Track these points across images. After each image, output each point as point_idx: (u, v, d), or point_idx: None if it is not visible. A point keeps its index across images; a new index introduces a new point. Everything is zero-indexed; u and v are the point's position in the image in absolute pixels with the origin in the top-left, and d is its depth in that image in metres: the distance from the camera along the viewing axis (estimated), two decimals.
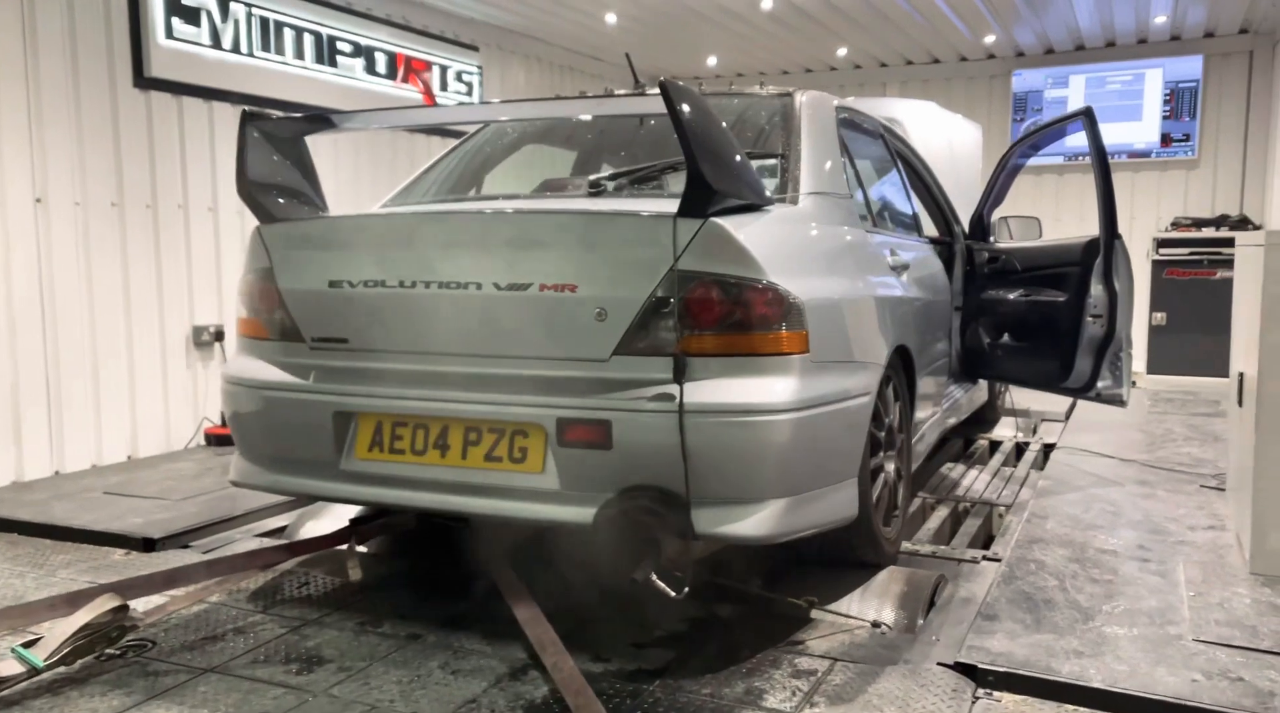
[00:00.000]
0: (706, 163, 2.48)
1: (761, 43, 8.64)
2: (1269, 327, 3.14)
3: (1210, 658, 2.54)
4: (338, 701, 2.45)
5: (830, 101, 3.61)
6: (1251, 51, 8.79)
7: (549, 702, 2.43)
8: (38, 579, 3.34)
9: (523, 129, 4.02)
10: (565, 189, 3.41)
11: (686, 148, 2.47)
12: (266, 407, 3.02)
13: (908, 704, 2.38)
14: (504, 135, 3.98)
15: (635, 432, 2.54)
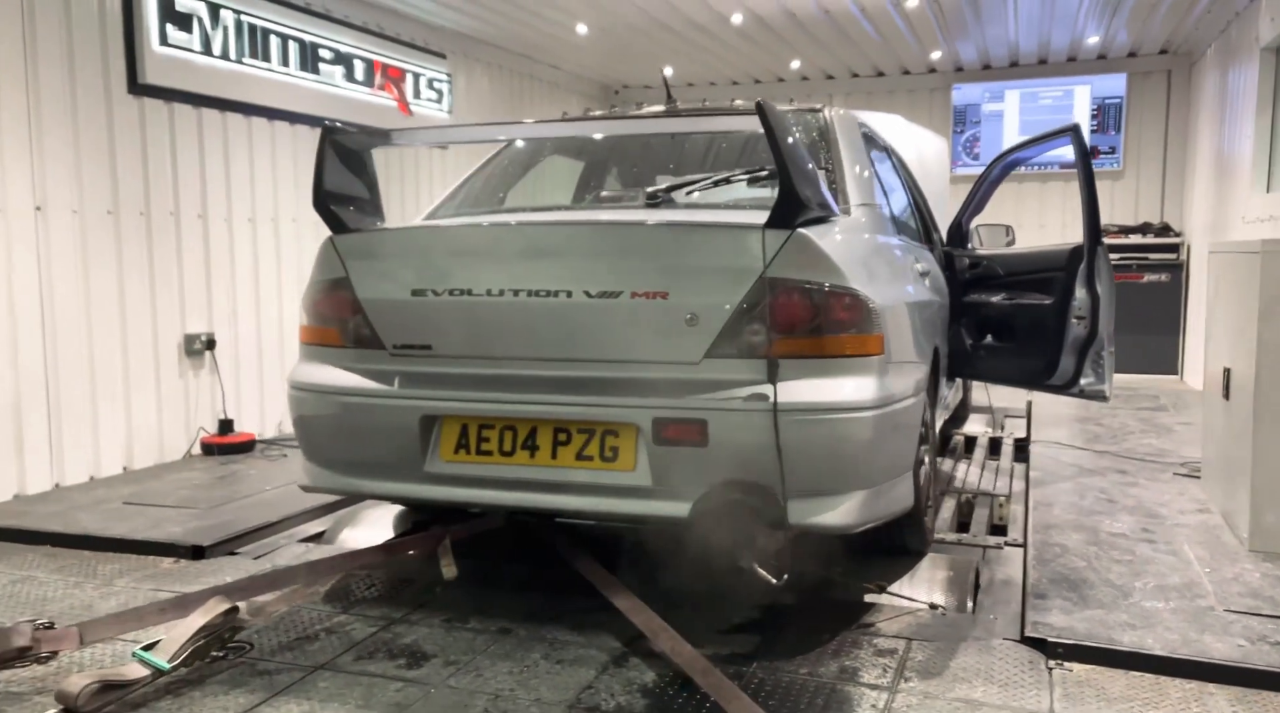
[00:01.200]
0: (798, 178, 2.66)
1: (718, 54, 8.87)
2: (1266, 326, 3.47)
3: (1246, 626, 2.82)
4: (459, 691, 2.55)
5: (856, 116, 3.84)
6: (1170, 71, 9.41)
7: (661, 685, 2.57)
8: (98, 589, 3.33)
9: (555, 143, 4.14)
10: (621, 201, 3.55)
11: (781, 164, 2.65)
12: (347, 412, 3.09)
13: (992, 676, 2.60)
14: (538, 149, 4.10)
15: (731, 430, 2.70)
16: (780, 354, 2.70)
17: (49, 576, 3.49)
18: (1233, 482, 3.82)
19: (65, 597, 3.26)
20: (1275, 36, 6.25)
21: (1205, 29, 8.08)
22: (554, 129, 3.88)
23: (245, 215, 5.94)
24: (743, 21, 7.46)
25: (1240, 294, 3.77)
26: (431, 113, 7.60)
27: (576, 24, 7.64)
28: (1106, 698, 2.47)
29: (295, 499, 4.28)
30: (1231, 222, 7.20)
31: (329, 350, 3.20)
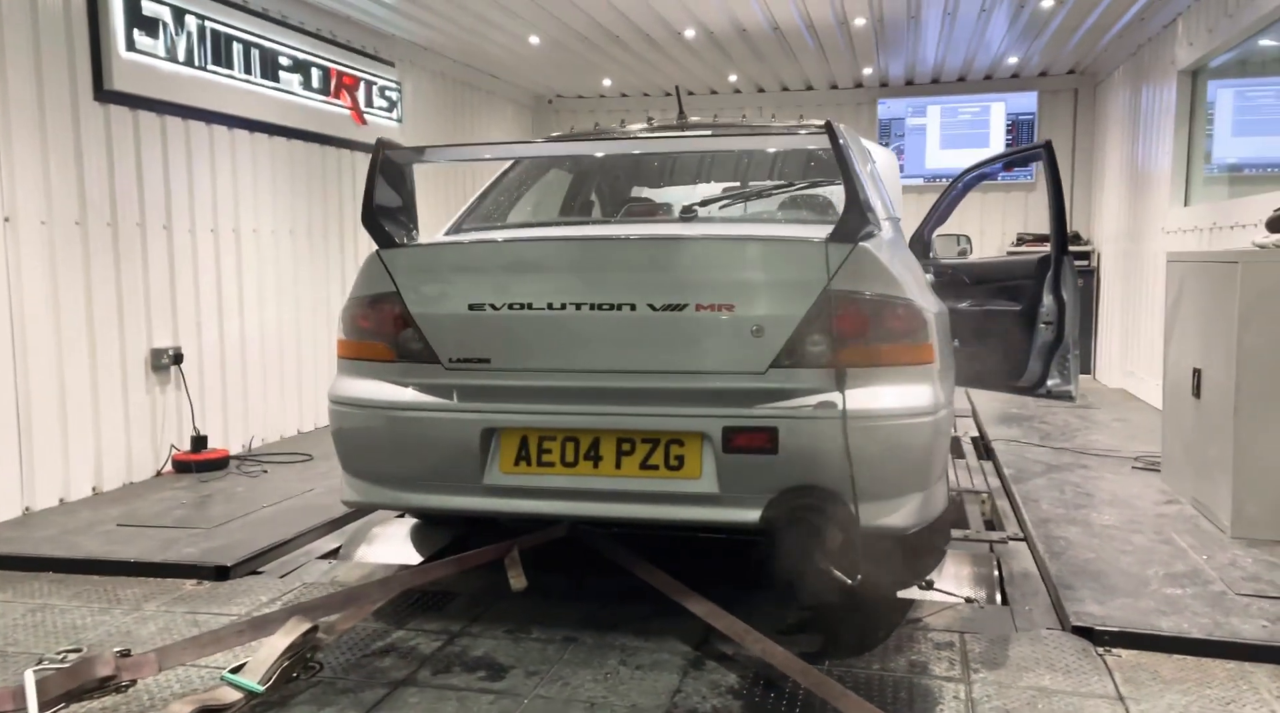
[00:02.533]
0: (865, 196, 2.79)
1: (658, 66, 8.99)
2: (1246, 331, 3.77)
3: (1261, 608, 3.07)
4: (552, 700, 2.58)
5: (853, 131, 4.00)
6: (1076, 89, 9.99)
7: (747, 686, 2.66)
8: (129, 615, 3.21)
9: (554, 160, 4.19)
10: (655, 214, 3.62)
11: (849, 181, 2.77)
12: (403, 427, 3.07)
13: (1053, 665, 2.77)
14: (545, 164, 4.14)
15: (801, 437, 2.81)
16: (846, 363, 2.81)
17: (66, 603, 3.35)
18: (1208, 475, 4.12)
19: (97, 624, 3.14)
20: (1192, 61, 6.73)
21: (1113, 53, 8.61)
22: (596, 147, 3.91)
23: (208, 226, 5.77)
24: (694, 36, 7.61)
25: (1214, 301, 4.07)
26: (383, 122, 7.50)
27: (530, 35, 7.66)
28: (1163, 681, 2.67)
29: (297, 517, 4.22)
30: (1148, 232, 7.69)
31: (376, 365, 3.18)
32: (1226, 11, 5.96)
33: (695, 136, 3.84)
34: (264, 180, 6.26)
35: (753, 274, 2.91)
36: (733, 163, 4.36)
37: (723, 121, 4.29)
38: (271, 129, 6.27)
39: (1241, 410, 3.82)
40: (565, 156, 4.21)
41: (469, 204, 3.89)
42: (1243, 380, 3.82)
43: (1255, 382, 3.80)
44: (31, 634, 3.06)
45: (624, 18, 7.16)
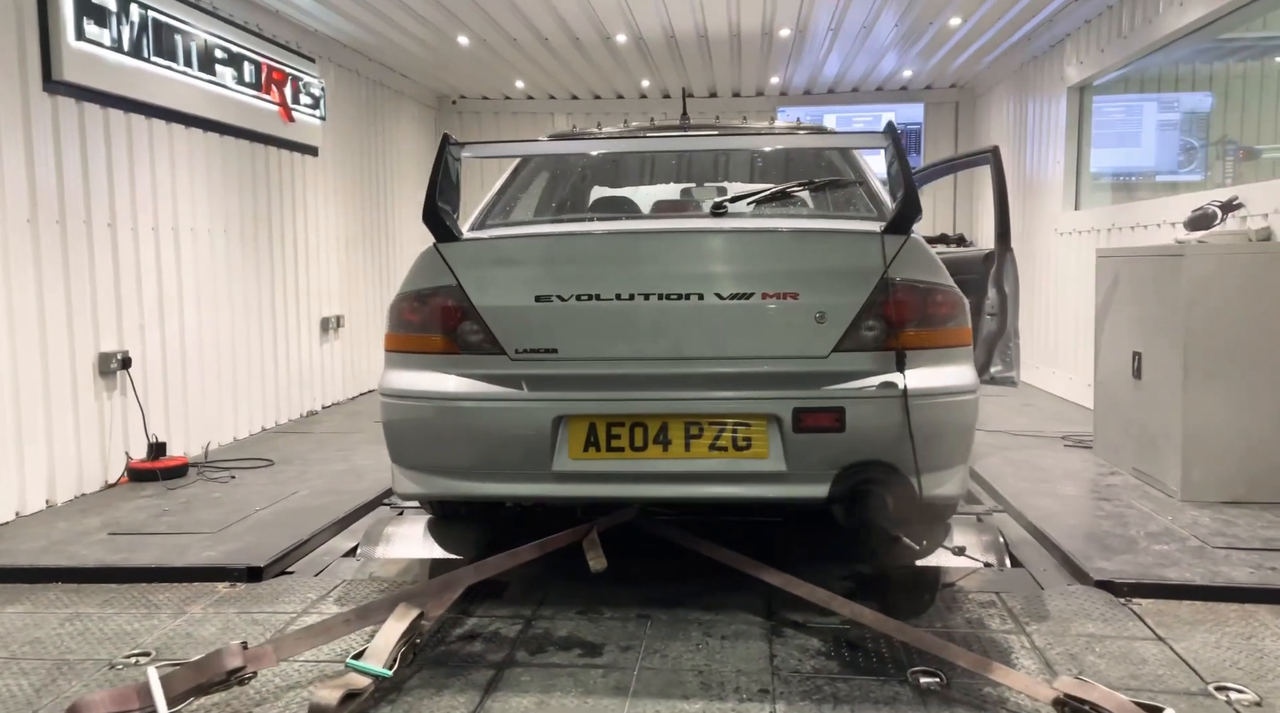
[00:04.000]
0: (917, 191, 3.02)
1: (575, 70, 9.12)
2: (1192, 315, 4.23)
3: (1240, 558, 3.48)
4: (661, 670, 2.69)
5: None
6: (958, 103, 10.71)
7: (832, 648, 2.84)
8: (177, 618, 3.11)
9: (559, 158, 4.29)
10: (686, 209, 3.76)
11: (906, 177, 3.00)
12: (469, 418, 3.10)
13: (1090, 615, 3.07)
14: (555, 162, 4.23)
15: (866, 416, 3.01)
16: (904, 346, 3.04)
17: (99, 610, 3.21)
18: (1152, 448, 4.59)
19: (149, 629, 3.03)
20: (1081, 79, 7.38)
21: (996, 70, 9.30)
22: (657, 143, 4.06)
23: (149, 224, 5.53)
24: (625, 41, 7.77)
25: (1155, 290, 4.54)
26: (308, 119, 7.34)
27: (459, 35, 7.64)
28: (1186, 623, 3.01)
29: (299, 519, 4.15)
30: (1039, 233, 8.36)
31: (436, 357, 3.19)
32: (1120, 33, 6.58)
33: (744, 134, 4.06)
34: (199, 178, 6.04)
35: (815, 264, 3.10)
36: (748, 162, 4.54)
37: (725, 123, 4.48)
38: (206, 124, 6.06)
39: (1189, 387, 4.29)
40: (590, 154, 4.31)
41: (487, 200, 3.93)
42: (1189, 360, 4.28)
43: (1200, 361, 4.27)
44: (83, 642, 2.94)
45: (558, 20, 7.25)
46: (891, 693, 2.54)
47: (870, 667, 2.71)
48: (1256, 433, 4.26)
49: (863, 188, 3.84)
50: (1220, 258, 4.26)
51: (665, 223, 3.49)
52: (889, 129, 3.02)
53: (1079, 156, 7.72)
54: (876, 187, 3.84)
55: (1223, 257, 4.27)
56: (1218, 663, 2.71)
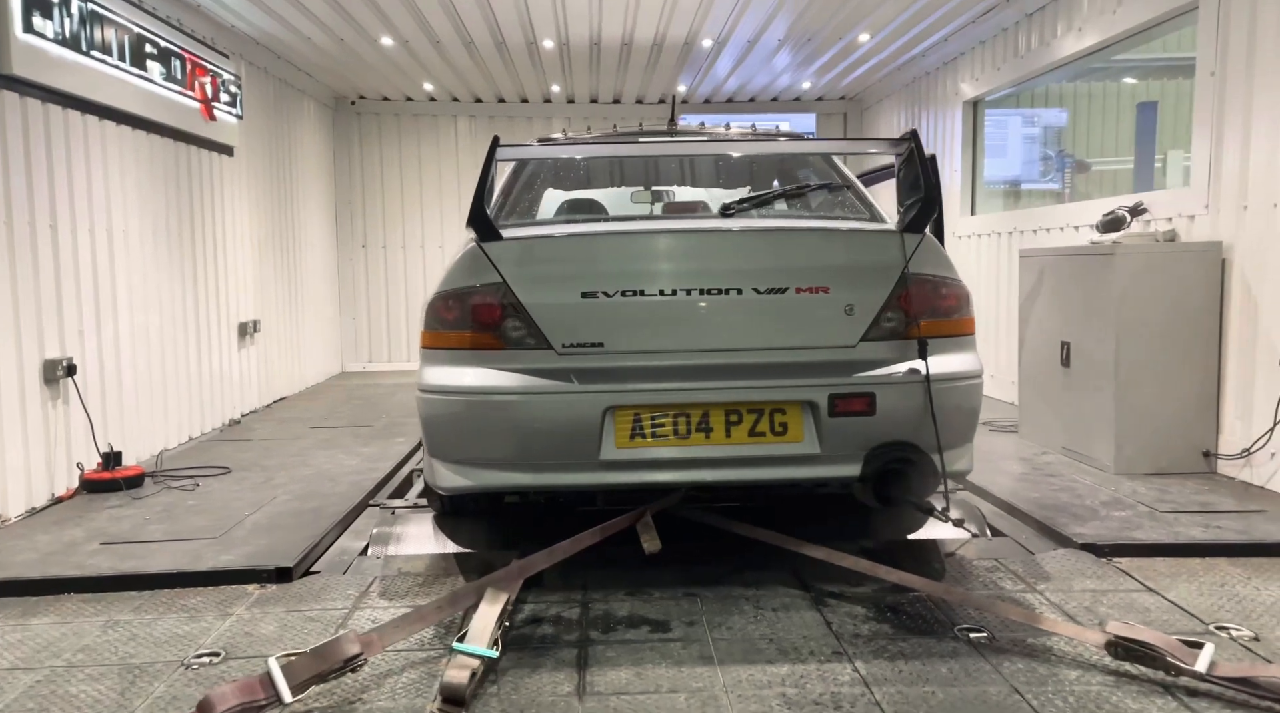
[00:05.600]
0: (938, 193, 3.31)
1: (492, 73, 9.14)
2: (1124, 307, 4.72)
3: (1191, 518, 3.94)
4: (733, 641, 2.86)
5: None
6: (846, 113, 11.29)
7: (878, 612, 3.09)
8: (225, 619, 3.07)
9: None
10: (696, 211, 3.95)
11: (929, 180, 3.28)
12: (519, 411, 3.19)
13: (1084, 573, 3.43)
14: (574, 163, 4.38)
15: (894, 400, 3.27)
16: (925, 335, 3.32)
17: (136, 616, 3.14)
18: (1083, 428, 5.07)
19: (203, 630, 2.99)
20: (976, 94, 7.97)
21: (886, 83, 9.89)
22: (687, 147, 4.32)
23: (86, 226, 5.30)
24: (551, 47, 7.88)
25: (1083, 285, 5.02)
26: (227, 118, 7.14)
27: (383, 36, 7.58)
28: (1166, 575, 3.40)
29: (295, 521, 4.12)
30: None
31: (479, 353, 3.27)
32: (1017, 53, 7.16)
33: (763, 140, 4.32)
34: (130, 178, 5.82)
35: (844, 260, 3.35)
36: (745, 166, 4.76)
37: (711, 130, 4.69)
38: (135, 122, 5.85)
39: (1120, 372, 4.77)
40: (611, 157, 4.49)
41: (495, 202, 4.00)
42: (1121, 348, 4.77)
43: (1130, 348, 4.77)
44: (139, 647, 2.88)
45: (487, 23, 7.30)
46: (950, 648, 2.80)
47: (919, 627, 2.97)
48: (1178, 412, 4.78)
49: (850, 191, 4.13)
50: (1147, 256, 4.77)
51: (705, 223, 3.69)
52: (913, 134, 3.30)
53: (974, 166, 8.32)
54: (861, 190, 4.13)
55: (1149, 255, 4.78)
56: (1208, 607, 3.09)
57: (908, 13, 7.25)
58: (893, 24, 7.57)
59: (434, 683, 2.59)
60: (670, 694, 2.53)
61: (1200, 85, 4.95)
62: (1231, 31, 4.70)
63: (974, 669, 2.64)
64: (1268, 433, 4.37)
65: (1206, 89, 4.90)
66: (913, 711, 2.40)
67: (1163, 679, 2.53)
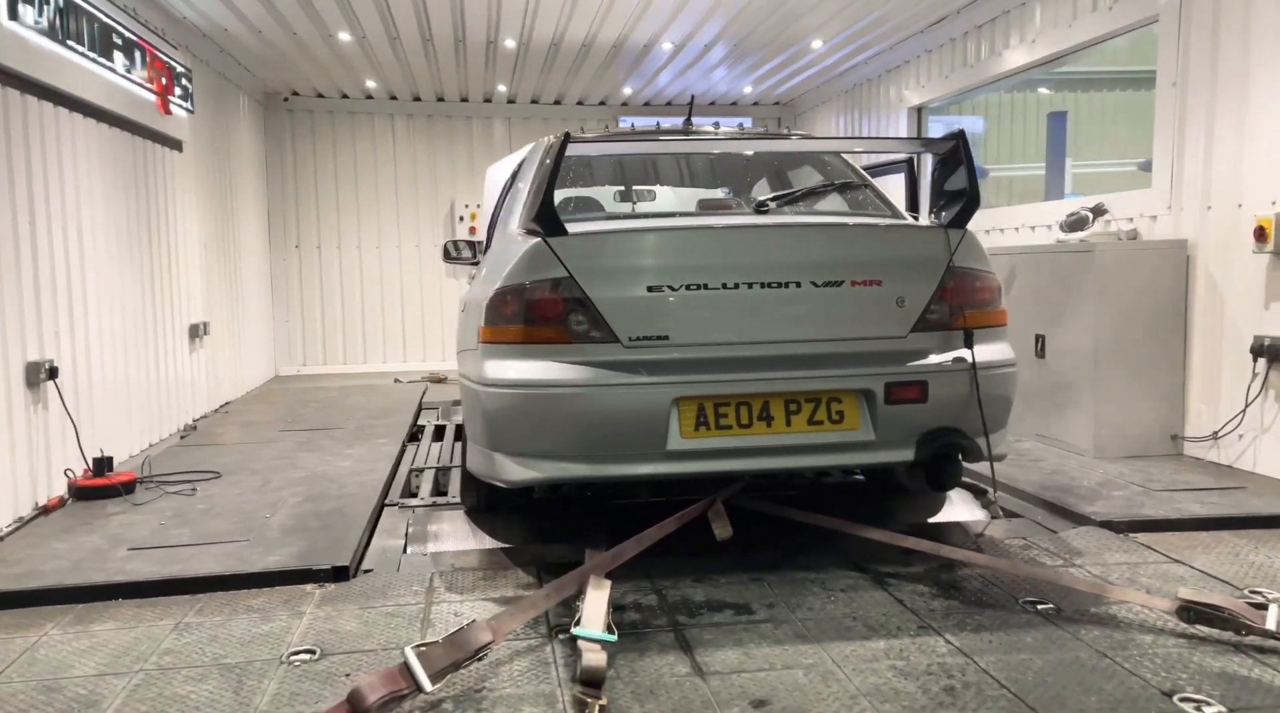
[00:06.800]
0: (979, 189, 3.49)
1: (442, 71, 9.06)
2: (1102, 301, 5.02)
3: (1184, 496, 4.23)
4: (819, 620, 2.96)
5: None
6: (780, 118, 11.57)
7: (940, 588, 3.23)
8: (296, 618, 3.02)
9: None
10: (730, 208, 4.04)
11: (971, 178, 3.46)
12: (590, 403, 3.23)
13: (1111, 548, 3.66)
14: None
15: (944, 387, 3.44)
16: (971, 325, 3.50)
17: (204, 618, 3.05)
18: (1058, 416, 5.37)
19: (284, 629, 2.93)
20: (921, 101, 8.31)
21: (824, 89, 10.19)
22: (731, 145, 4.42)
23: (59, 223, 5.07)
24: (511, 46, 7.86)
25: (1059, 281, 5.32)
26: (179, 112, 6.90)
27: (340, 31, 7.44)
28: (1184, 548, 3.66)
29: (322, 521, 4.06)
30: None
31: (544, 347, 3.29)
32: (966, 62, 7.50)
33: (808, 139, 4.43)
34: (95, 173, 5.58)
35: (895, 254, 3.50)
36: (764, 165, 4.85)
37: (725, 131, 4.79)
38: (100, 114, 5.61)
39: (1098, 362, 5.08)
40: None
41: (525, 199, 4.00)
42: (1098, 340, 5.08)
43: (1106, 340, 5.08)
44: (227, 647, 2.81)
45: (451, 21, 7.25)
46: (1024, 619, 2.96)
47: (985, 601, 3.13)
48: (1148, 399, 5.12)
49: (869, 189, 4.29)
50: (1120, 254, 5.09)
51: (763, 219, 3.78)
52: (960, 134, 3.47)
53: (916, 169, 8.64)
54: (878, 188, 4.30)
55: (1123, 252, 5.10)
56: (1235, 575, 3.35)
57: (861, 23, 7.52)
58: (845, 33, 7.83)
59: (548, 669, 2.62)
60: (786, 671, 2.61)
61: (1161, 95, 5.31)
62: (1192, 46, 5.05)
63: (1056, 638, 2.81)
64: (1239, 415, 4.72)
65: (1168, 98, 5.25)
66: (1021, 677, 2.55)
67: (1232, 639, 2.74)
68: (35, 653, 2.81)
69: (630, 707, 2.41)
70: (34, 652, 2.82)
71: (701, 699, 2.45)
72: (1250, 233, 4.62)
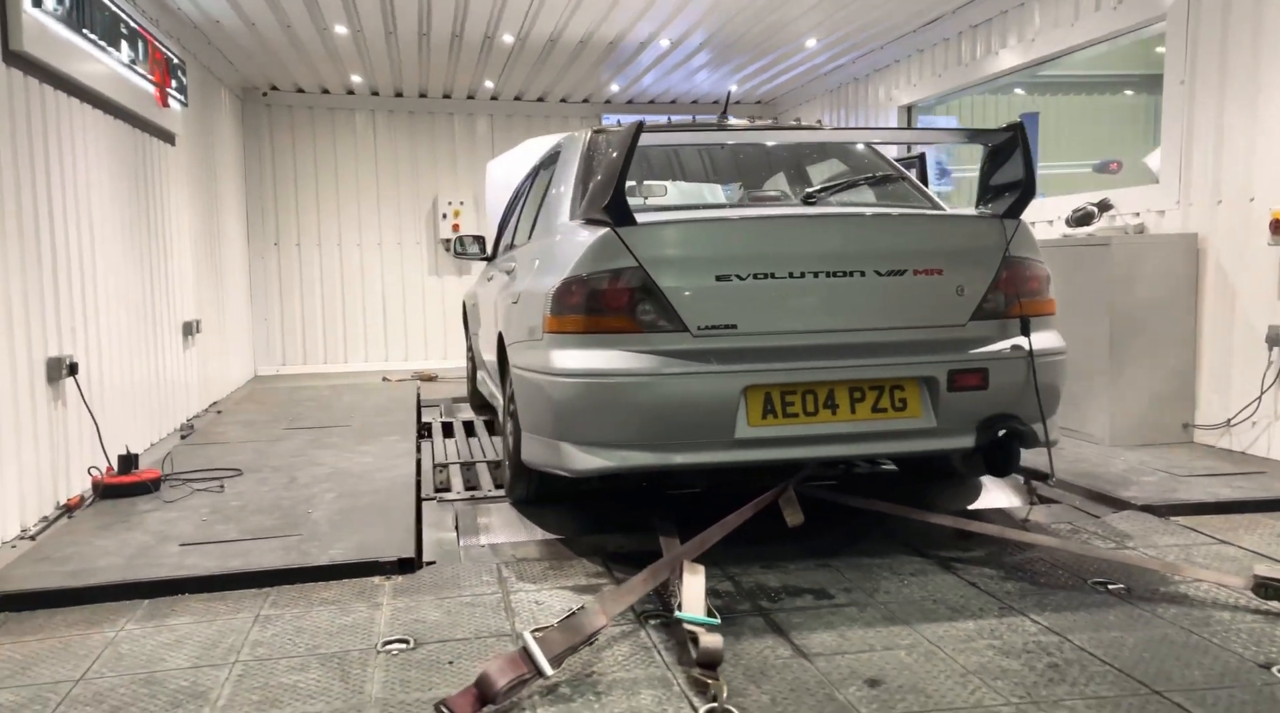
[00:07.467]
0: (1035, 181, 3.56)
1: (428, 66, 8.98)
2: (1119, 294, 5.14)
3: (1211, 481, 4.35)
4: (900, 603, 3.00)
5: None
6: (760, 115, 11.65)
7: (1006, 570, 3.29)
8: (376, 609, 2.98)
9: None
10: (778, 200, 4.07)
11: (1028, 169, 3.52)
12: (661, 392, 3.23)
13: (1157, 530, 3.75)
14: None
15: (1004, 375, 3.50)
16: (1027, 313, 3.56)
17: (282, 611, 3.01)
18: (1073, 405, 5.47)
19: (367, 620, 2.89)
20: (911, 100, 8.44)
21: (808, 89, 10.29)
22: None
23: (74, 216, 4.95)
24: (510, 41, 7.82)
25: (1075, 274, 5.43)
26: (175, 105, 6.76)
27: (337, 24, 7.34)
28: (1225, 530, 3.76)
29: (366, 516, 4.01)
30: None
31: (612, 337, 3.29)
32: (960, 62, 7.63)
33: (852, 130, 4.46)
34: (104, 166, 5.46)
35: (954, 244, 3.55)
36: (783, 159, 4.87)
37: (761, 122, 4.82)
38: (107, 106, 5.49)
39: (1115, 353, 5.20)
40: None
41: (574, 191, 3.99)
42: (1113, 330, 5.20)
43: (1120, 331, 5.20)
44: (316, 638, 2.77)
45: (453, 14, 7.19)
46: (1099, 599, 3.03)
47: (1056, 583, 3.19)
48: (1161, 389, 5.25)
49: (906, 182, 4.35)
50: (1135, 247, 5.22)
51: (825, 209, 3.82)
52: (1019, 125, 3.53)
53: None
54: (914, 179, 4.36)
55: (1137, 246, 5.23)
56: None
57: (856, 22, 7.61)
58: (839, 32, 7.92)
59: (650, 653, 2.62)
60: (888, 652, 2.64)
61: (1169, 93, 5.45)
62: (1201, 43, 5.20)
63: (1137, 617, 2.87)
64: (1254, 402, 4.86)
65: (1176, 96, 5.39)
66: (1118, 653, 2.60)
67: None
68: (118, 648, 2.74)
69: (746, 688, 2.42)
70: (116, 647, 2.75)
71: (815, 680, 2.46)
72: (1263, 226, 4.76)
